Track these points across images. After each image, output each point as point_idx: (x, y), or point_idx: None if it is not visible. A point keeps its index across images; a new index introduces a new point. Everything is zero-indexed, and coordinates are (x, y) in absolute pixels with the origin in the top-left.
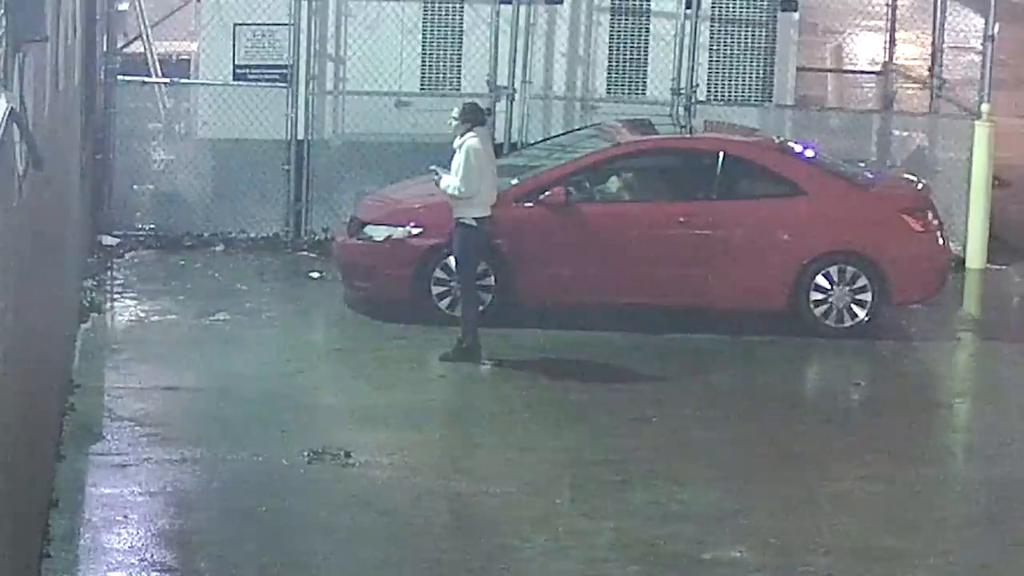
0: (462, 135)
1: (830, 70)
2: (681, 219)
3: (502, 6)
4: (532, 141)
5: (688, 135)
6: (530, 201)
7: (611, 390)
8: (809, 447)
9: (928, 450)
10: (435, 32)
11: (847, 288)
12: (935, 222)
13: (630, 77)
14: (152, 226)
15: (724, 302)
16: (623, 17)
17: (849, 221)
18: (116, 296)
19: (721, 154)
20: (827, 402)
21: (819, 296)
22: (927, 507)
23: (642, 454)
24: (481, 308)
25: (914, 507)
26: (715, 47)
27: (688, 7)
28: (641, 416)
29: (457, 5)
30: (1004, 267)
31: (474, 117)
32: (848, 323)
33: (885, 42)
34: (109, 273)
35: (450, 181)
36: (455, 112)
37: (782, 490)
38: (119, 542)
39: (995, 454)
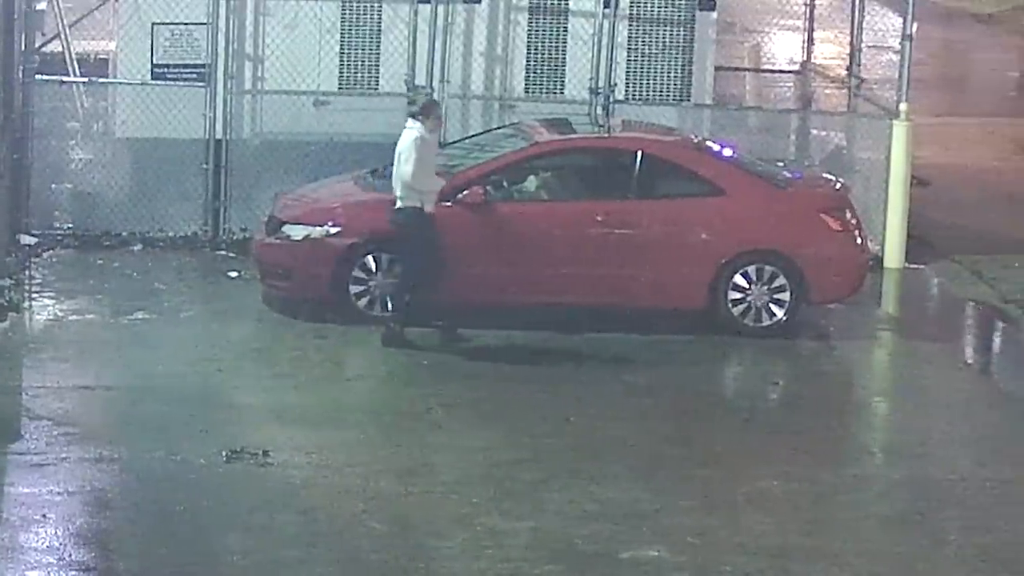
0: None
1: (748, 69)
2: (599, 218)
3: (420, 5)
4: (450, 140)
5: (606, 134)
6: (448, 200)
7: (529, 389)
8: (728, 446)
9: (847, 449)
10: (353, 31)
11: (765, 287)
12: (853, 221)
13: (548, 76)
14: (71, 225)
15: (643, 301)
16: (541, 16)
17: (767, 220)
18: (35, 295)
19: (639, 153)
20: (746, 401)
21: (737, 295)
22: (846, 506)
23: (561, 453)
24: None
25: (833, 506)
26: (633, 46)
27: (606, 6)
28: (560, 415)
29: (375, 4)
30: (922, 266)
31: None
32: (767, 322)
33: (803, 41)
34: (27, 272)
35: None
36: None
37: (701, 489)
38: (37, 541)
39: (914, 453)
